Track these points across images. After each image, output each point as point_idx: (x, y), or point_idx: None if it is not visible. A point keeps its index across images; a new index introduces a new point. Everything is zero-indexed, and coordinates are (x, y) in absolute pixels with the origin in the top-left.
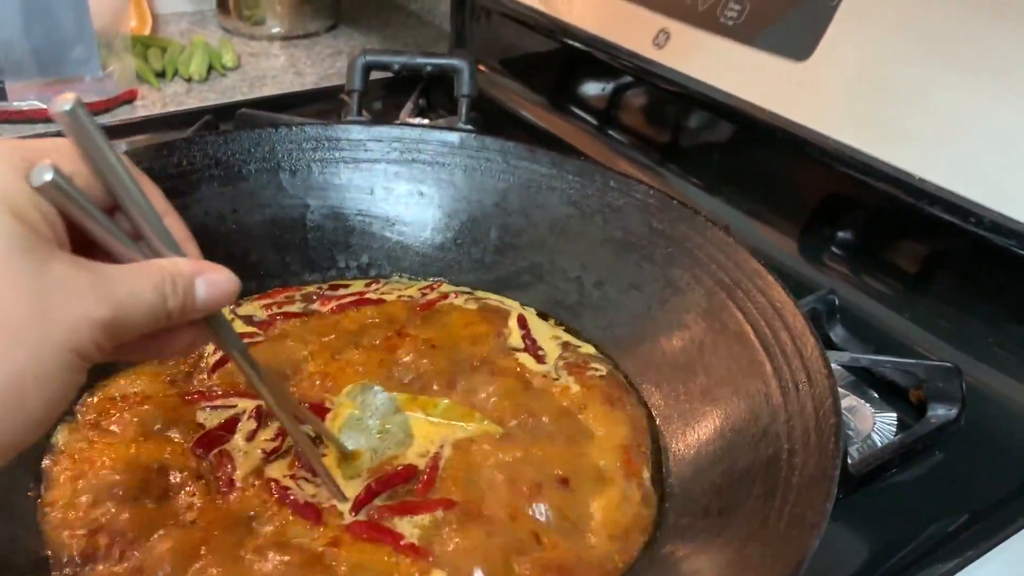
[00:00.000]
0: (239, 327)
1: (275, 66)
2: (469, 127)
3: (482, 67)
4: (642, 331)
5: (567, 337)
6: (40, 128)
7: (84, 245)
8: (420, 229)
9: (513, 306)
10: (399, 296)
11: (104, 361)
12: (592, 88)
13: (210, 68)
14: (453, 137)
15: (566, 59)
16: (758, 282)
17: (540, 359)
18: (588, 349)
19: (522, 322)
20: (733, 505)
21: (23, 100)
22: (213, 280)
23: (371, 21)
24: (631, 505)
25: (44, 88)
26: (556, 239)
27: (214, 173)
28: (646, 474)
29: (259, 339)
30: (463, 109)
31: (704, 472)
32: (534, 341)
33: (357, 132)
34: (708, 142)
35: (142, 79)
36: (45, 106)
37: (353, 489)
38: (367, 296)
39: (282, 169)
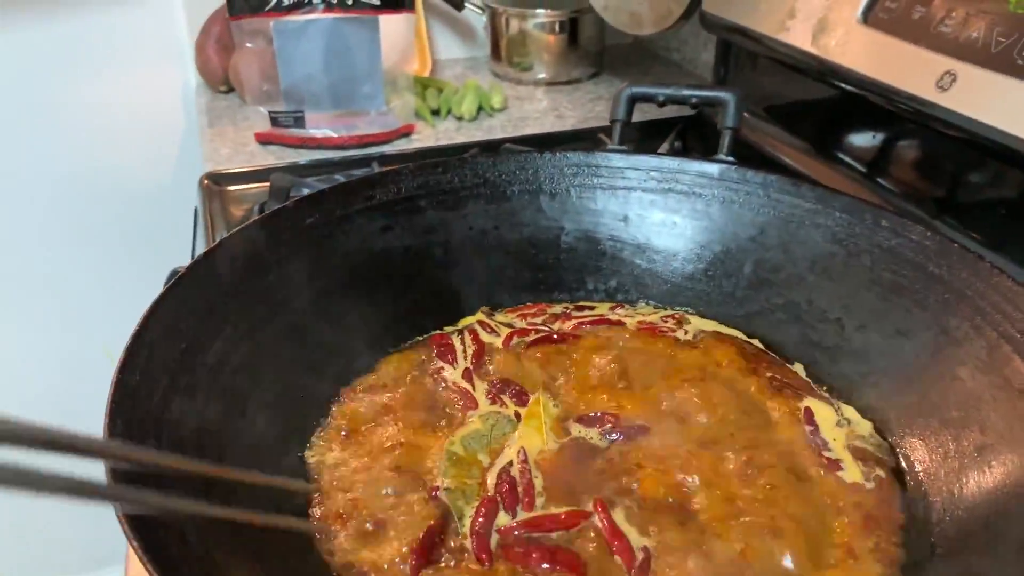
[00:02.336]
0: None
1: (538, 109)
2: (730, 159)
3: (744, 113)
4: (908, 381)
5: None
6: (330, 154)
7: None
8: (670, 258)
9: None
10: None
11: None
12: (861, 134)
13: (480, 108)
14: (712, 168)
15: (833, 104)
16: None
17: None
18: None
19: (808, 417)
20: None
21: (318, 129)
22: None
23: (633, 70)
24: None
25: (335, 119)
26: (816, 278)
27: (481, 192)
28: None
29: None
30: (725, 141)
31: (973, 536)
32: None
33: (617, 160)
34: (993, 194)
35: (419, 116)
36: (336, 135)
37: None
38: (608, 317)
39: (543, 192)
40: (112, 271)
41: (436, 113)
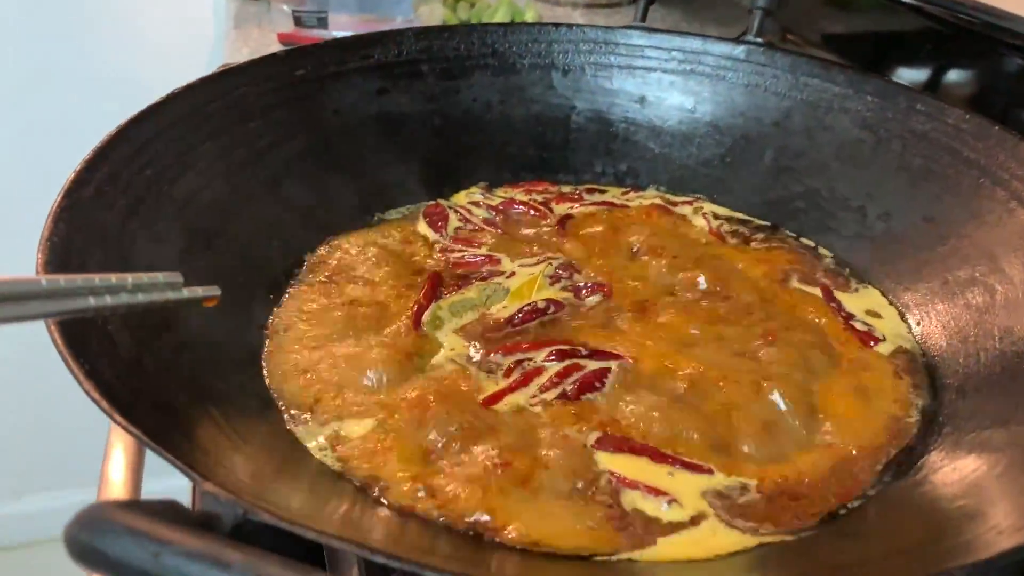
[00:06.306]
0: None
1: None
2: (758, 40)
3: (791, 36)
4: (930, 267)
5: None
6: None
7: None
8: (686, 143)
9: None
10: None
11: None
12: (915, 63)
13: None
14: (739, 50)
15: (888, 32)
16: None
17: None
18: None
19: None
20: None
21: (341, 31)
22: None
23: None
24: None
25: (360, 23)
26: (841, 165)
27: (489, 62)
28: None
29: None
30: (755, 22)
31: (985, 404)
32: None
33: (637, 38)
34: None
35: None
36: None
37: None
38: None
39: (555, 67)
40: None
41: None
